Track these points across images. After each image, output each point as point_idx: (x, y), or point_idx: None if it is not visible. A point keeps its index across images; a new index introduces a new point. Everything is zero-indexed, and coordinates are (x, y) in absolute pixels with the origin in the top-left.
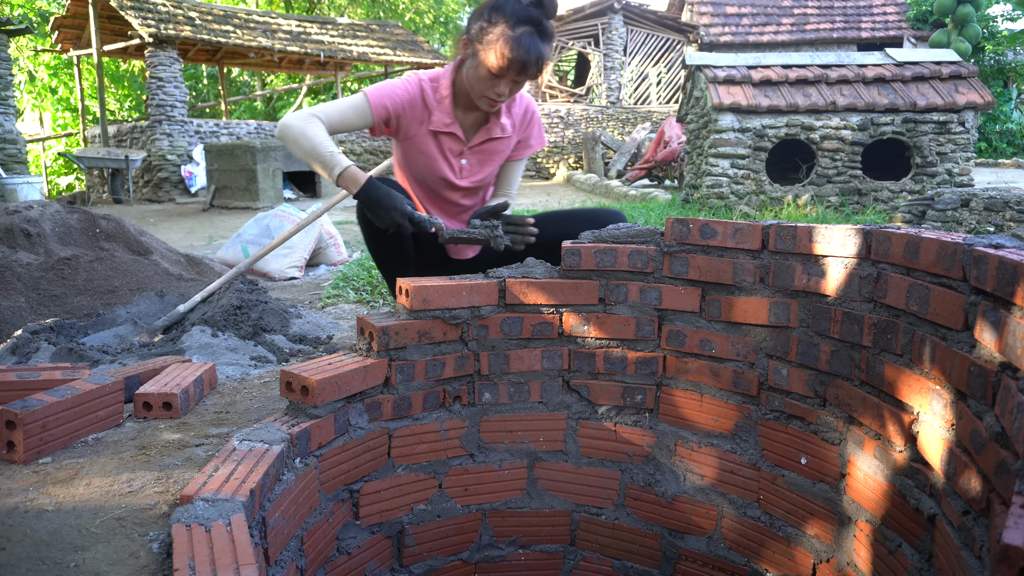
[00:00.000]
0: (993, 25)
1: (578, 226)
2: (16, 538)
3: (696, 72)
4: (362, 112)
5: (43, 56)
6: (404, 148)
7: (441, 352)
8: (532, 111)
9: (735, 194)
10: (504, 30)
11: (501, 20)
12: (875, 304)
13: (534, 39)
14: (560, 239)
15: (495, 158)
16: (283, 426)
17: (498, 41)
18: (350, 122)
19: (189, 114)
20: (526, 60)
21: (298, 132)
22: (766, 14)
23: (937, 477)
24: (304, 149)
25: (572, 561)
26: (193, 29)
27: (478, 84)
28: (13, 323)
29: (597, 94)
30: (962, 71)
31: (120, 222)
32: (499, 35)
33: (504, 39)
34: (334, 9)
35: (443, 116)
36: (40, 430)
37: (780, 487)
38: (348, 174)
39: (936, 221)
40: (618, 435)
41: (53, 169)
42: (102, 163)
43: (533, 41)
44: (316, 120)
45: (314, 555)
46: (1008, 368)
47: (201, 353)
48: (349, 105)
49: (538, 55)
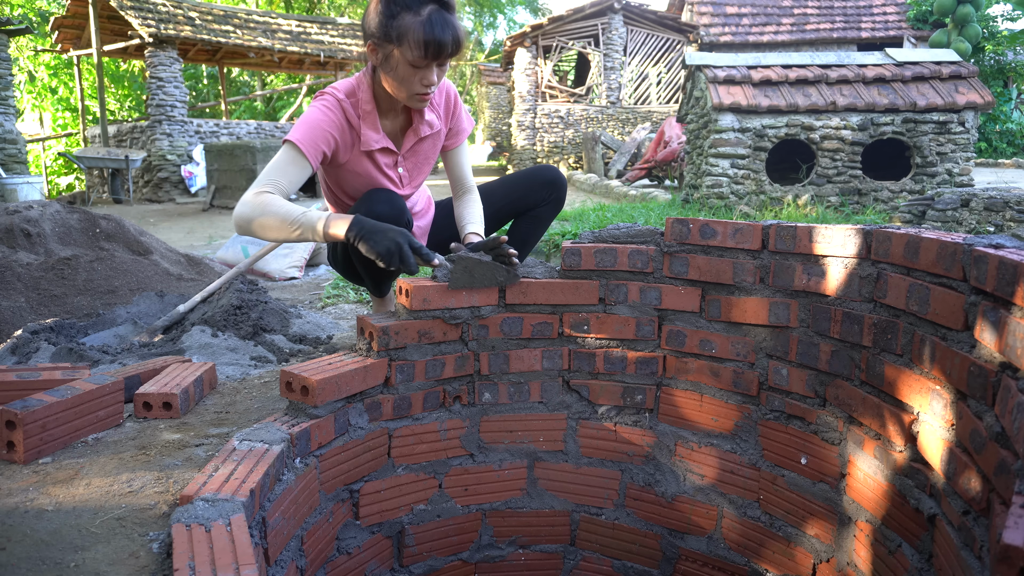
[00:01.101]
0: (993, 25)
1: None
2: (16, 538)
3: (696, 72)
4: (301, 163)
5: (43, 56)
6: (336, 173)
7: (441, 352)
8: (452, 95)
9: (735, 194)
10: (411, 17)
11: (401, 10)
12: (875, 304)
13: (443, 14)
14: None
15: (430, 157)
16: (283, 426)
17: (409, 31)
18: (295, 178)
19: (189, 114)
20: (443, 39)
21: (256, 218)
22: (766, 14)
23: (937, 477)
24: (275, 226)
25: (572, 561)
26: (193, 29)
27: (404, 83)
28: (13, 323)
29: (597, 94)
30: (962, 71)
31: (120, 222)
32: (408, 24)
33: (415, 26)
34: (334, 9)
35: (372, 133)
36: (40, 430)
37: (780, 487)
38: (333, 219)
39: (936, 221)
40: (618, 435)
41: (53, 169)
42: (102, 163)
43: (443, 17)
44: (268, 195)
45: (314, 555)
46: (1008, 368)
47: (201, 353)
48: (286, 162)
49: (453, 32)
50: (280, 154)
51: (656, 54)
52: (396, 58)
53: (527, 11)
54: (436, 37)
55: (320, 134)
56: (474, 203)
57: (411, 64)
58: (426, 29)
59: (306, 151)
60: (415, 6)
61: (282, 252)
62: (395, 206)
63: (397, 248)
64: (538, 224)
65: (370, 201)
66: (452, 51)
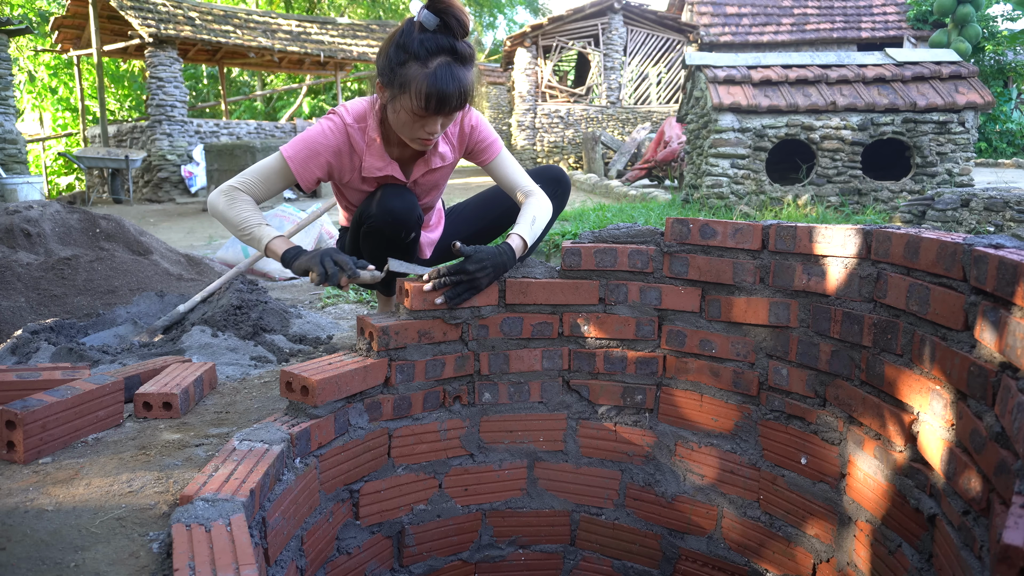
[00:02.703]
0: (993, 25)
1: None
2: (16, 538)
3: (696, 72)
4: (285, 178)
5: (43, 56)
6: (344, 189)
7: (441, 352)
8: (469, 126)
9: (735, 194)
10: (417, 68)
11: (409, 58)
12: (875, 304)
13: (451, 68)
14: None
15: (440, 183)
16: (283, 426)
17: (413, 81)
18: (275, 187)
19: (189, 114)
20: (446, 94)
21: (222, 211)
22: (766, 14)
23: (937, 477)
24: (232, 226)
25: (572, 561)
26: (193, 29)
27: (406, 128)
28: (13, 323)
29: (597, 94)
30: (962, 71)
31: (120, 222)
32: (413, 75)
33: (419, 77)
34: (334, 9)
35: (375, 161)
36: (40, 430)
37: (780, 487)
38: (276, 242)
39: (936, 221)
40: (618, 435)
41: (53, 169)
42: (102, 163)
43: (450, 71)
44: (238, 194)
45: (314, 555)
46: (1008, 368)
47: (201, 353)
48: (272, 171)
49: (459, 87)
50: (271, 161)
51: (656, 54)
52: (399, 104)
53: (527, 11)
54: (439, 91)
55: (314, 159)
56: (526, 206)
57: (412, 113)
58: (429, 83)
59: (296, 171)
60: (424, 57)
61: None
62: (407, 201)
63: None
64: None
65: (383, 196)
66: (456, 106)
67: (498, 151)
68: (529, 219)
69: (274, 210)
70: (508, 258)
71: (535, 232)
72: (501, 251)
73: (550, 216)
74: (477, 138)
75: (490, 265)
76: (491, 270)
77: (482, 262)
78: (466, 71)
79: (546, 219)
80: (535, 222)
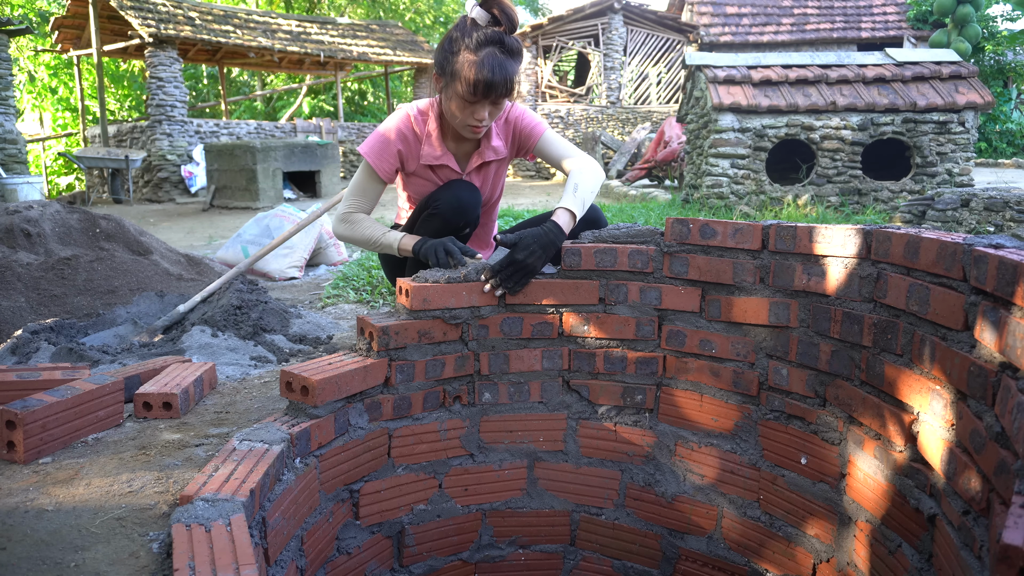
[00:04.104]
0: (993, 25)
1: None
2: (16, 538)
3: (696, 72)
4: (375, 179)
5: (43, 56)
6: (408, 180)
7: (441, 352)
8: (513, 117)
9: (735, 194)
10: (467, 56)
11: (463, 47)
12: (875, 304)
13: (498, 59)
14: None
15: (494, 178)
16: (283, 426)
17: (463, 68)
18: (373, 194)
19: (189, 114)
20: (492, 81)
21: (349, 237)
22: (766, 14)
23: (937, 477)
24: (364, 246)
25: (572, 561)
26: (193, 29)
27: (458, 114)
28: (13, 323)
29: (597, 94)
30: (962, 71)
31: (120, 222)
32: (463, 62)
33: (468, 64)
34: (334, 9)
35: (432, 150)
36: (40, 430)
37: (780, 487)
38: (403, 245)
39: (936, 221)
40: (618, 435)
41: (53, 169)
42: (102, 163)
43: (498, 61)
44: (352, 216)
45: (314, 555)
46: (1008, 368)
47: (201, 353)
48: (365, 180)
49: (504, 75)
50: (359, 172)
51: (656, 54)
52: (452, 91)
53: (527, 11)
54: (486, 79)
55: (386, 148)
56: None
57: (463, 98)
58: (477, 69)
59: (377, 168)
60: (474, 47)
61: (282, 252)
62: (474, 196)
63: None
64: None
65: (454, 186)
66: (502, 92)
67: (543, 131)
68: (571, 189)
69: (274, 210)
70: (555, 235)
71: (581, 200)
72: (546, 231)
73: (597, 180)
74: (521, 125)
75: (537, 247)
76: (539, 251)
77: (529, 247)
78: (513, 62)
79: (591, 184)
80: (577, 189)
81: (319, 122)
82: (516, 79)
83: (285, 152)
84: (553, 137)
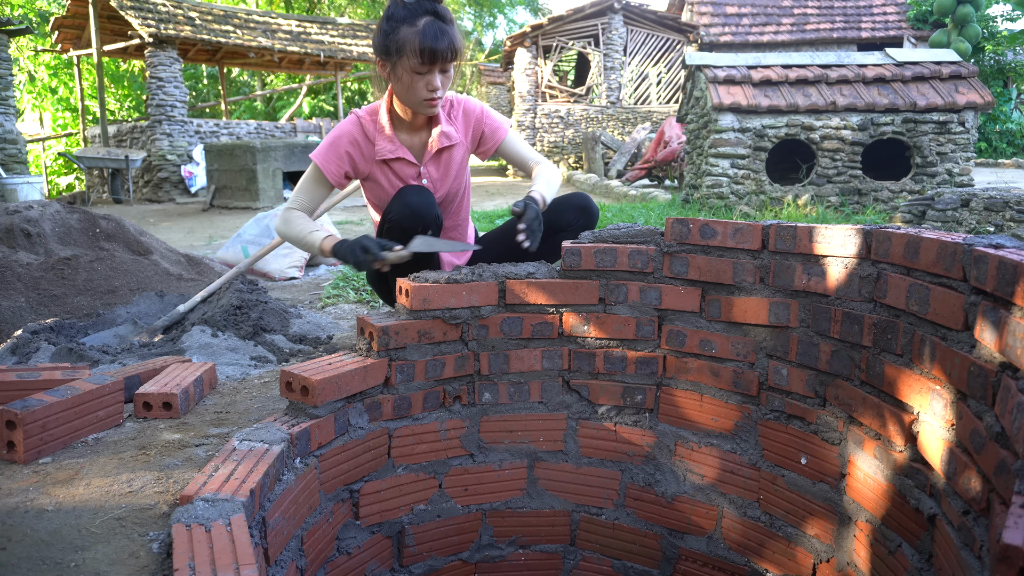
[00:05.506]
0: (993, 25)
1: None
2: (16, 538)
3: (696, 72)
4: (321, 180)
5: (43, 56)
6: (367, 187)
7: (441, 352)
8: (473, 111)
9: (735, 194)
10: (408, 29)
11: (399, 24)
12: (875, 304)
13: (436, 24)
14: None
15: (456, 171)
16: (283, 426)
17: (408, 40)
18: (318, 195)
19: (189, 114)
20: (438, 46)
21: (283, 232)
22: (766, 14)
23: (937, 477)
24: (295, 243)
25: (572, 561)
26: (193, 29)
27: (411, 92)
28: (13, 323)
29: (597, 94)
30: (962, 71)
31: (120, 222)
32: (405, 35)
33: (412, 35)
34: (334, 9)
35: (385, 143)
36: (40, 430)
37: (780, 487)
38: (324, 246)
39: (936, 221)
40: (618, 435)
41: (53, 169)
42: (102, 163)
43: (438, 27)
44: (290, 213)
45: (314, 555)
46: (1008, 368)
47: (201, 353)
48: (309, 180)
49: (448, 39)
50: (307, 172)
51: (656, 54)
52: (400, 68)
53: (527, 11)
54: (431, 44)
55: (335, 150)
56: (539, 174)
57: (414, 71)
58: (421, 37)
59: (322, 167)
60: (411, 19)
61: (282, 252)
62: (424, 198)
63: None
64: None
65: (403, 192)
66: (449, 56)
67: (504, 133)
68: (544, 182)
69: (274, 210)
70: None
71: (551, 190)
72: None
73: (559, 181)
74: (485, 120)
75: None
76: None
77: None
78: (451, 28)
79: (557, 183)
80: (549, 184)
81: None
82: (459, 44)
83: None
84: (518, 140)
